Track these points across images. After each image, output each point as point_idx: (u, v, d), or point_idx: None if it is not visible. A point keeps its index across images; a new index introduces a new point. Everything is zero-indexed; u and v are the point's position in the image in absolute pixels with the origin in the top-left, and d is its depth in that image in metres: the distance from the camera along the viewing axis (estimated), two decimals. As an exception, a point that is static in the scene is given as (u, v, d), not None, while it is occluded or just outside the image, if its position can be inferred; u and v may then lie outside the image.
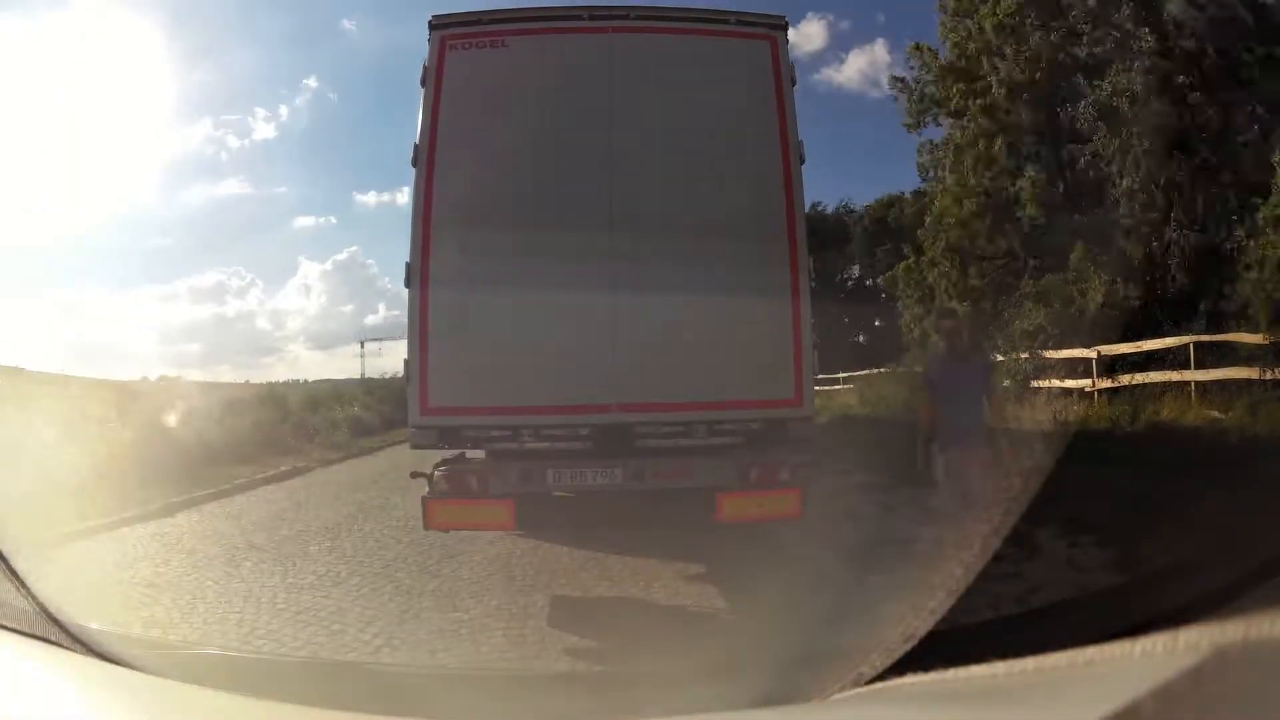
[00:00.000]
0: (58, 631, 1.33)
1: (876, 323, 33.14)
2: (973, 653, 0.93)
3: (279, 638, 3.75)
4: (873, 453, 7.62)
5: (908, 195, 28.00)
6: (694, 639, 3.58)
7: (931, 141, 19.21)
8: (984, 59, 15.82)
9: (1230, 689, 0.65)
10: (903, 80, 19.03)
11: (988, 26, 15.40)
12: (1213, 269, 12.42)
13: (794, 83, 4.45)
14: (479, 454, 4.39)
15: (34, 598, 1.45)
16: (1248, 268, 10.92)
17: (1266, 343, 8.68)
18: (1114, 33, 13.37)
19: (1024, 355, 12.83)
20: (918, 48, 18.33)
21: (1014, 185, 15.75)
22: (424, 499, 3.99)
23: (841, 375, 22.25)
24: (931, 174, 19.59)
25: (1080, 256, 13.52)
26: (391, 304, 66.32)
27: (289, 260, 75.27)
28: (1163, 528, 4.23)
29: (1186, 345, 9.65)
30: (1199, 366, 9.25)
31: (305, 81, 65.42)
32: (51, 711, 1.10)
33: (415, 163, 4.25)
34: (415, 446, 4.20)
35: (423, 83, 4.34)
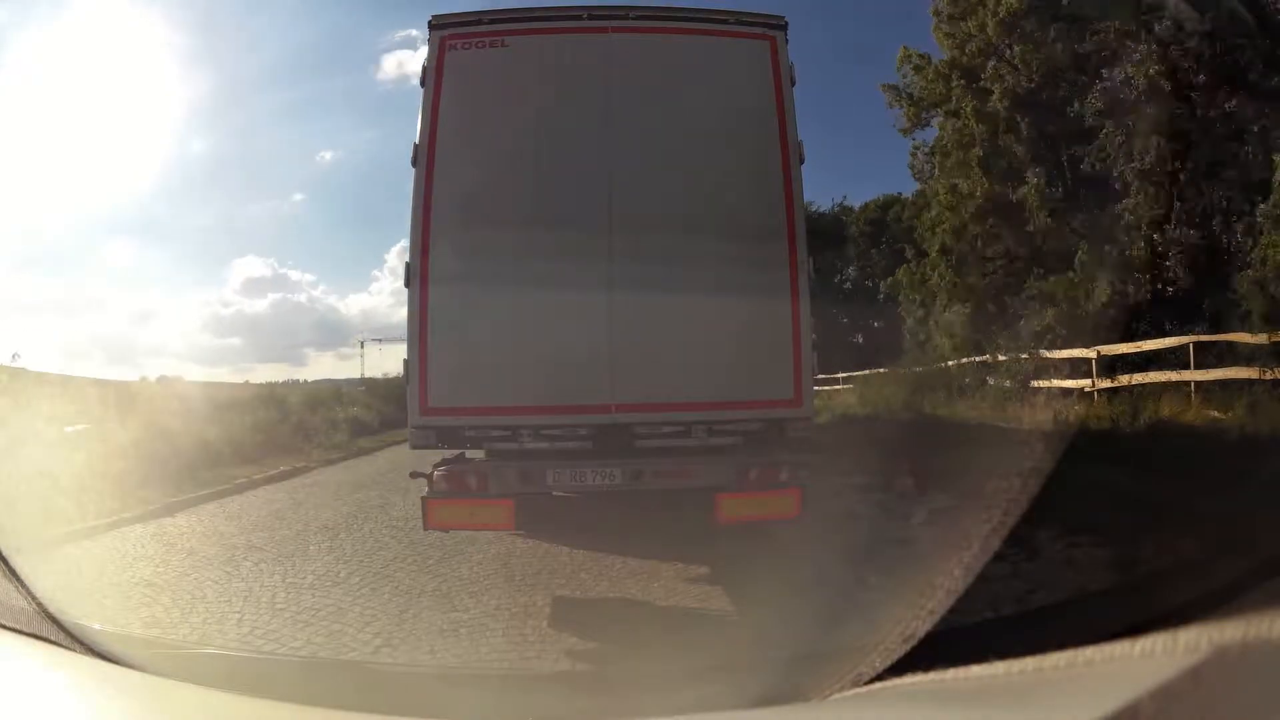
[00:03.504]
0: (58, 631, 1.34)
1: (875, 324, 33.15)
2: (973, 653, 0.93)
3: (278, 637, 3.74)
4: (872, 453, 7.61)
5: (907, 196, 28.03)
6: (694, 639, 3.58)
7: (925, 144, 19.24)
8: (985, 60, 15.80)
9: (1230, 689, 0.65)
10: (895, 88, 19.02)
11: (990, 26, 15.37)
12: (1213, 268, 12.43)
13: (794, 82, 4.45)
14: (479, 454, 4.39)
15: (34, 598, 1.45)
16: (1244, 267, 10.94)
17: (1266, 343, 8.68)
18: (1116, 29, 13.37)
19: (1024, 355, 12.84)
20: (907, 55, 18.29)
21: (1014, 192, 15.72)
22: (423, 499, 3.99)
23: (841, 375, 22.23)
24: (930, 172, 19.60)
25: (1085, 256, 13.51)
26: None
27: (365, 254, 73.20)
28: (1163, 528, 4.22)
29: (1186, 345, 9.66)
30: (1199, 366, 9.26)
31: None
32: (51, 711, 1.11)
33: (415, 163, 4.25)
34: (415, 447, 4.19)
35: (422, 83, 4.34)
